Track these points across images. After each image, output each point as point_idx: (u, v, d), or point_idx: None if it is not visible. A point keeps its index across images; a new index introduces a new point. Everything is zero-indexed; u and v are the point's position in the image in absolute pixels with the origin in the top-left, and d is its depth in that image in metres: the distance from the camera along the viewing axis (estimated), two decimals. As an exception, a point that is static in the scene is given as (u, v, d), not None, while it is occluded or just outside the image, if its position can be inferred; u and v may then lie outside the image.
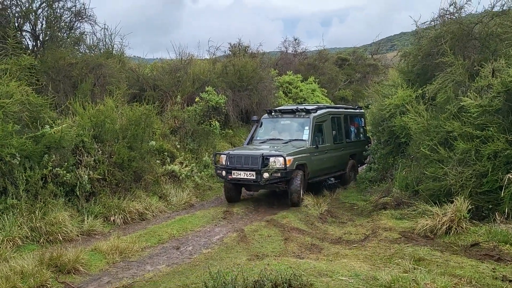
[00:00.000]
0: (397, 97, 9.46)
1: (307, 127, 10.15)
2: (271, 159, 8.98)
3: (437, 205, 6.90)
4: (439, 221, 6.55)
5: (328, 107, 11.65)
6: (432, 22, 9.45)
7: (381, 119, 10.32)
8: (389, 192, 8.82)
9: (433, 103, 8.39)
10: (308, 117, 10.27)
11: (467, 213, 6.47)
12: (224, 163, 9.45)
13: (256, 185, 9.46)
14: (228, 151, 9.89)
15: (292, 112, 10.61)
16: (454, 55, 8.11)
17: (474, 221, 6.56)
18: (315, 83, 20.57)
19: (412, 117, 8.35)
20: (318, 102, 18.76)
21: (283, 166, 8.91)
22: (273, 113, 10.91)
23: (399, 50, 11.39)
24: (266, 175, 8.91)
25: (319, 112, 10.60)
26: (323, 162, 10.39)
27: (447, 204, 6.77)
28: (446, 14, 9.15)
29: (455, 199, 6.67)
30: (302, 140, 10.03)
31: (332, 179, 11.84)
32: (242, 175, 9.17)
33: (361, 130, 12.66)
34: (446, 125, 7.33)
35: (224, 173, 9.39)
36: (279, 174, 8.97)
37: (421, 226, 6.68)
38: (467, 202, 6.52)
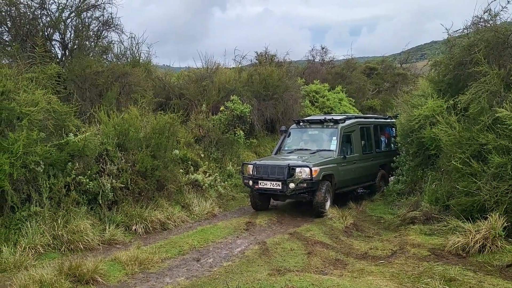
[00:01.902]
0: (427, 108, 9.13)
1: (335, 137, 10.14)
2: (297, 169, 9.01)
3: (470, 222, 6.57)
4: (471, 238, 6.23)
5: (357, 117, 11.60)
6: (465, 30, 9.08)
7: (409, 130, 9.98)
8: (418, 206, 8.48)
9: (466, 114, 8.03)
10: (336, 127, 10.25)
11: (503, 231, 6.15)
12: (251, 172, 9.58)
13: (282, 195, 9.45)
14: (255, 161, 10.01)
15: (320, 122, 10.62)
16: (489, 64, 7.75)
17: (510, 239, 6.20)
18: (342, 92, 20.24)
19: (443, 129, 8.01)
20: (345, 112, 18.44)
21: (309, 176, 8.93)
22: (301, 123, 10.94)
23: (429, 59, 11.00)
24: (292, 185, 8.92)
25: (347, 122, 10.57)
26: (351, 172, 10.31)
27: (480, 221, 6.43)
28: (480, 22, 8.78)
29: (489, 215, 6.34)
30: (330, 150, 10.03)
31: (360, 189, 11.67)
32: (268, 185, 9.25)
33: (392, 140, 12.47)
34: (480, 138, 6.99)
35: (251, 182, 9.52)
36: (305, 185, 8.97)
37: (452, 243, 6.37)
38: (503, 219, 6.20)
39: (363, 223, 8.99)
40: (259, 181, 9.34)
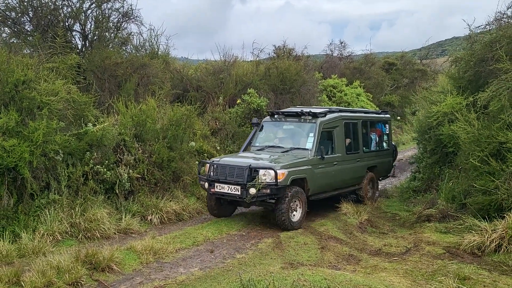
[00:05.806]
0: (445, 104, 9.02)
1: (311, 134, 8.64)
2: (261, 171, 7.56)
3: (486, 221, 6.50)
4: (487, 237, 6.17)
5: (341, 111, 9.89)
6: (487, 26, 8.94)
7: (427, 126, 9.88)
8: (434, 203, 8.41)
9: (485, 111, 7.91)
10: (315, 122, 8.71)
11: (520, 231, 6.04)
12: (207, 173, 8.19)
13: (242, 202, 7.89)
14: (212, 159, 8.56)
15: (297, 115, 9.04)
16: (511, 61, 7.61)
17: (527, 239, 6.11)
18: (360, 87, 20.10)
19: (462, 126, 7.92)
20: (362, 107, 18.33)
21: (274, 181, 7.48)
22: (275, 116, 9.42)
23: (450, 55, 10.85)
24: (252, 191, 7.45)
25: (328, 116, 9.01)
26: (330, 175, 8.81)
27: (497, 220, 6.37)
28: (503, 18, 8.62)
29: (507, 215, 6.26)
30: (305, 149, 8.53)
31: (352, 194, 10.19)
32: (225, 189, 7.79)
33: (385, 138, 11.10)
34: (499, 136, 6.89)
35: (206, 185, 8.06)
36: (268, 191, 7.49)
37: (468, 242, 6.32)
38: (520, 219, 6.09)
39: (378, 219, 8.96)
40: (216, 184, 7.87)
